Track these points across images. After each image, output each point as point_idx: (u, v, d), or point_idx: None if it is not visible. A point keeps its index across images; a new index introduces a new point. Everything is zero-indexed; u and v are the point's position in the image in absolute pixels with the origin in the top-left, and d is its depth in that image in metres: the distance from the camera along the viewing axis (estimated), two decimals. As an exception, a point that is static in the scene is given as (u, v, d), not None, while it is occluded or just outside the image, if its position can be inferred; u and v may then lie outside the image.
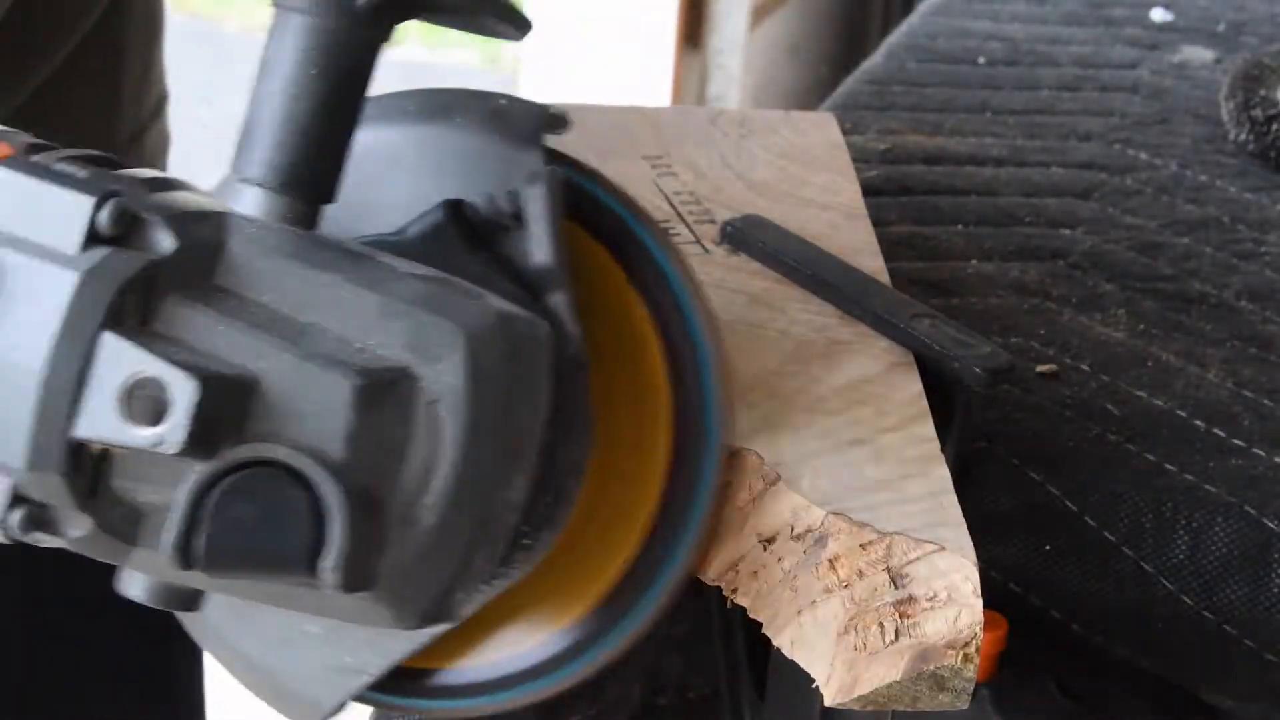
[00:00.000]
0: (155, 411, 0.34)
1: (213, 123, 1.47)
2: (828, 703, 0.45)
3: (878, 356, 0.54)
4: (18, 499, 0.36)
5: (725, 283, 0.58)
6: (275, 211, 0.39)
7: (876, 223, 0.66)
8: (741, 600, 0.47)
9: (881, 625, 0.44)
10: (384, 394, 0.36)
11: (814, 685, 0.45)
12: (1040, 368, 0.68)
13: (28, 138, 0.39)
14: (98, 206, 0.36)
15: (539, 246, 0.42)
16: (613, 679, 0.63)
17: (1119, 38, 1.17)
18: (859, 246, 0.62)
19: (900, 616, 0.44)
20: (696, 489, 0.45)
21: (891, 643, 0.44)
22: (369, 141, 0.43)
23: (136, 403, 0.35)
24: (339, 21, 0.40)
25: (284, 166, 0.39)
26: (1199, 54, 1.14)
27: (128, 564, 0.38)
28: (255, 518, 0.36)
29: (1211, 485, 0.61)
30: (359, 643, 0.44)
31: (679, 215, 0.63)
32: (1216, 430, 0.65)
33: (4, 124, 0.41)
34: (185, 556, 0.36)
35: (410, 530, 0.37)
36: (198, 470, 0.36)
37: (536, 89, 2.09)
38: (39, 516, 0.36)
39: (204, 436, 0.35)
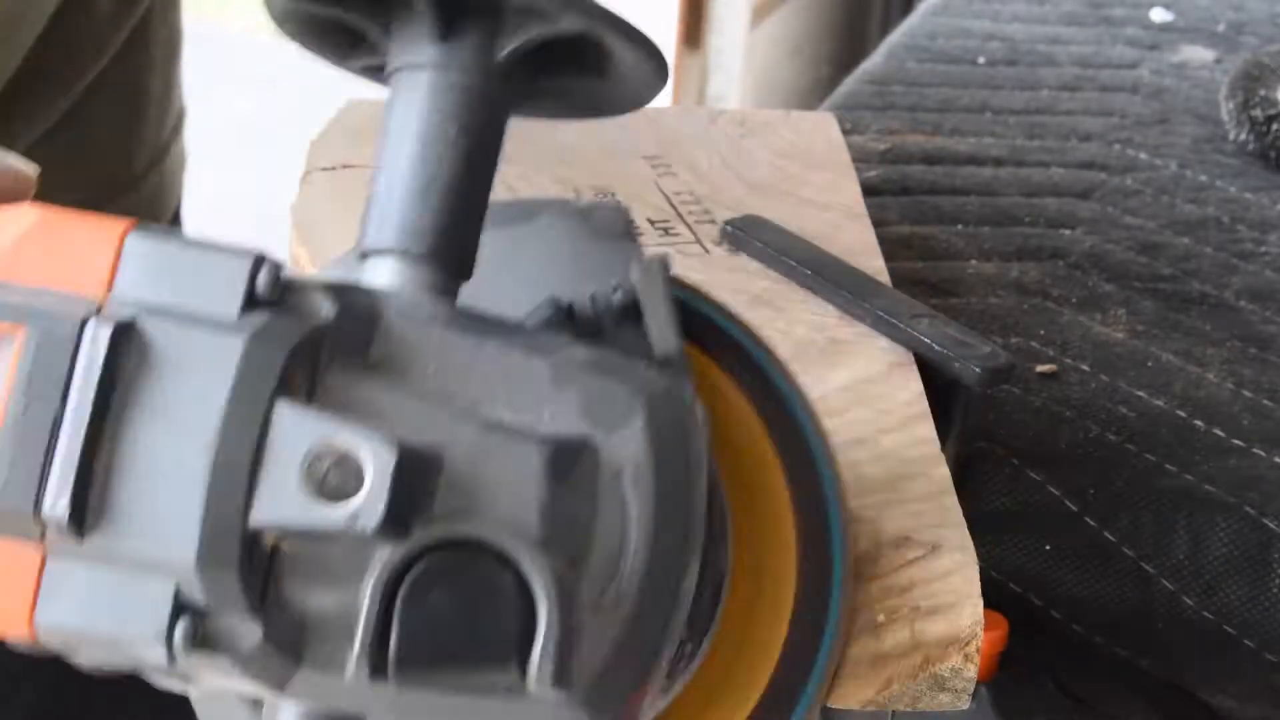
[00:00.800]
0: (341, 489, 0.30)
1: (213, 122, 1.47)
2: (828, 703, 0.45)
3: (878, 357, 0.54)
4: (180, 607, 0.30)
5: (725, 283, 0.58)
6: (421, 281, 0.36)
7: (876, 223, 0.66)
8: (741, 600, 0.47)
9: (883, 626, 0.44)
10: (570, 465, 0.33)
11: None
12: (1040, 368, 0.68)
13: None
14: (255, 268, 0.31)
15: (660, 334, 0.38)
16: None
17: (1119, 38, 1.17)
18: (859, 247, 0.62)
19: (902, 617, 0.44)
20: (825, 620, 0.42)
21: (892, 643, 0.44)
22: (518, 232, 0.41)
23: (323, 477, 0.30)
24: (476, 78, 0.37)
25: (426, 232, 0.36)
26: (1199, 54, 1.14)
27: (288, 691, 0.32)
28: (454, 607, 0.31)
29: (1211, 485, 0.61)
30: None
31: (679, 215, 0.63)
32: (1216, 430, 0.64)
33: (30, 149, 0.38)
34: (376, 661, 0.31)
35: (603, 619, 0.33)
36: (386, 557, 0.31)
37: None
38: (204, 629, 0.30)
39: (401, 514, 0.30)
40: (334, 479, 0.30)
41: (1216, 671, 0.60)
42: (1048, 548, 0.61)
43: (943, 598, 0.44)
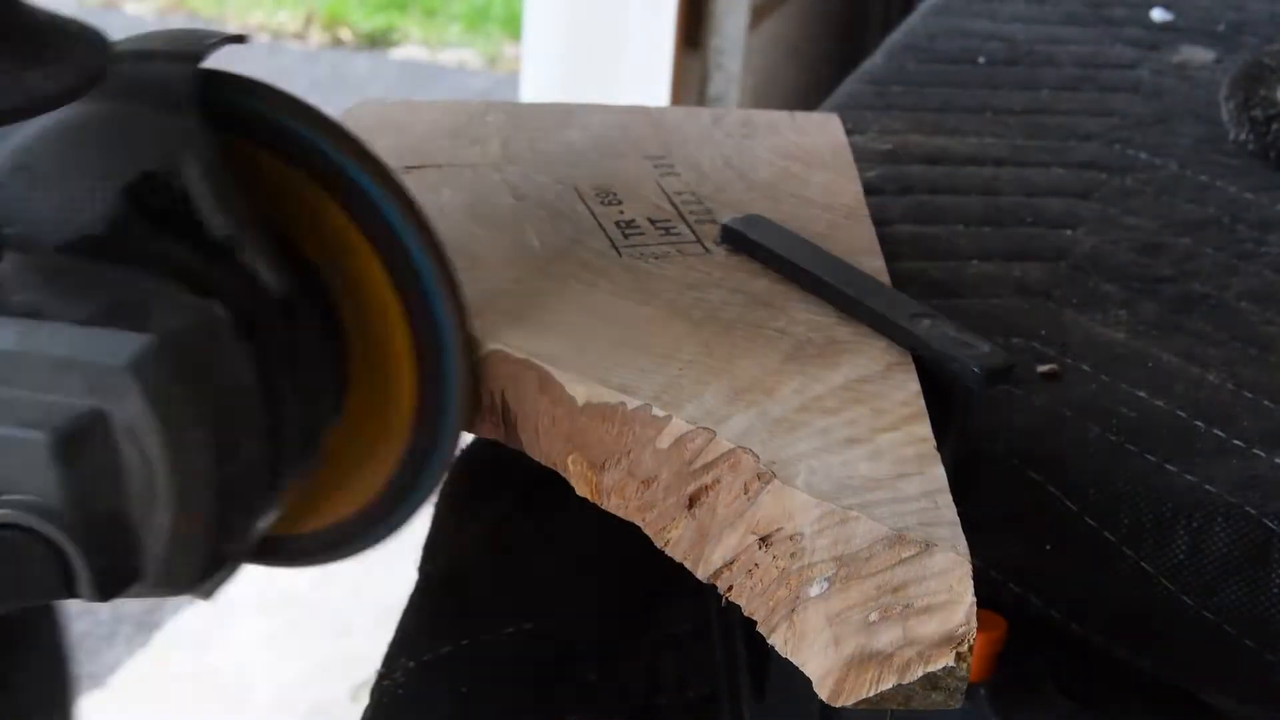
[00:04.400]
0: None
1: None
2: (822, 701, 0.45)
3: (876, 356, 0.54)
4: None
5: (725, 282, 0.58)
6: None
7: (877, 222, 0.66)
8: (736, 598, 0.47)
9: (876, 624, 0.44)
10: (82, 439, 0.40)
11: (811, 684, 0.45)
12: (1041, 368, 0.68)
13: None
14: None
15: (210, 215, 0.45)
16: (610, 678, 0.63)
17: (1119, 38, 1.17)
18: (860, 247, 0.62)
19: (895, 615, 0.44)
20: (444, 378, 0.50)
21: (885, 642, 0.44)
22: (51, 124, 0.45)
23: None
24: None
25: None
26: (1199, 54, 1.14)
27: None
28: (7, 570, 0.40)
29: (1212, 485, 0.61)
30: None
31: (680, 215, 0.63)
32: (1217, 431, 0.64)
33: None
34: None
35: (153, 528, 0.42)
36: None
37: (537, 89, 2.09)
38: None
39: None
40: None
41: (1216, 671, 0.60)
42: (1048, 548, 0.61)
43: (936, 596, 0.43)
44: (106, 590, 0.41)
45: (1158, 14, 1.22)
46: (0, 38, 0.40)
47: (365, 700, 0.62)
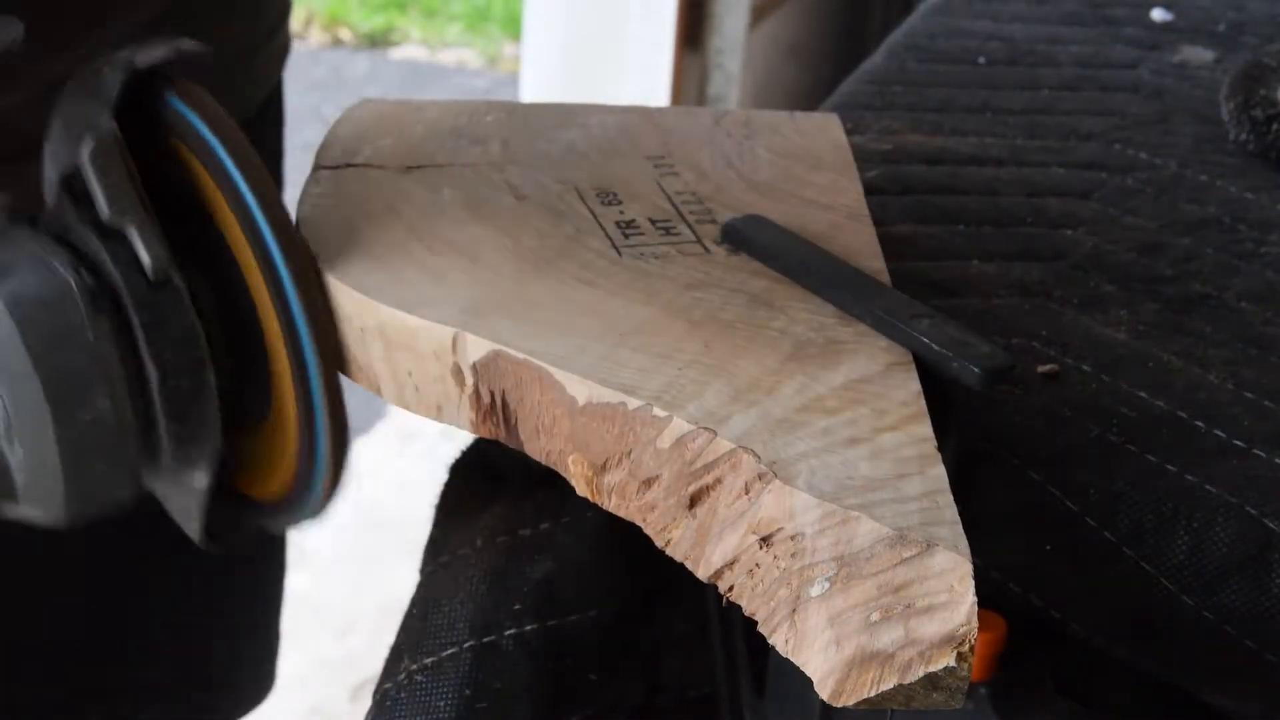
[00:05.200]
0: None
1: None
2: (823, 701, 0.45)
3: (876, 356, 0.54)
4: None
5: (725, 282, 0.58)
6: None
7: (877, 222, 0.66)
8: (737, 598, 0.47)
9: (877, 624, 0.44)
10: None
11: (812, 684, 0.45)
12: (1041, 368, 0.68)
13: None
14: None
15: (95, 200, 0.50)
16: (610, 678, 0.63)
17: (1119, 38, 1.17)
18: (860, 247, 0.62)
19: (896, 615, 0.44)
20: (306, 373, 0.53)
21: (886, 642, 0.44)
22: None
23: None
24: None
25: None
26: (1199, 54, 1.14)
27: None
28: None
29: (1212, 486, 0.61)
30: None
31: (680, 215, 0.63)
32: (1217, 431, 0.64)
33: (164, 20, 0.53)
34: None
35: (15, 464, 0.50)
36: None
37: (537, 89, 2.09)
38: None
39: None
40: None
41: (1216, 671, 0.60)
42: (1048, 548, 0.61)
43: (937, 596, 0.44)
44: None
45: (1158, 14, 1.22)
46: None
47: (366, 700, 0.62)
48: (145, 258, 0.50)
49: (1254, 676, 0.59)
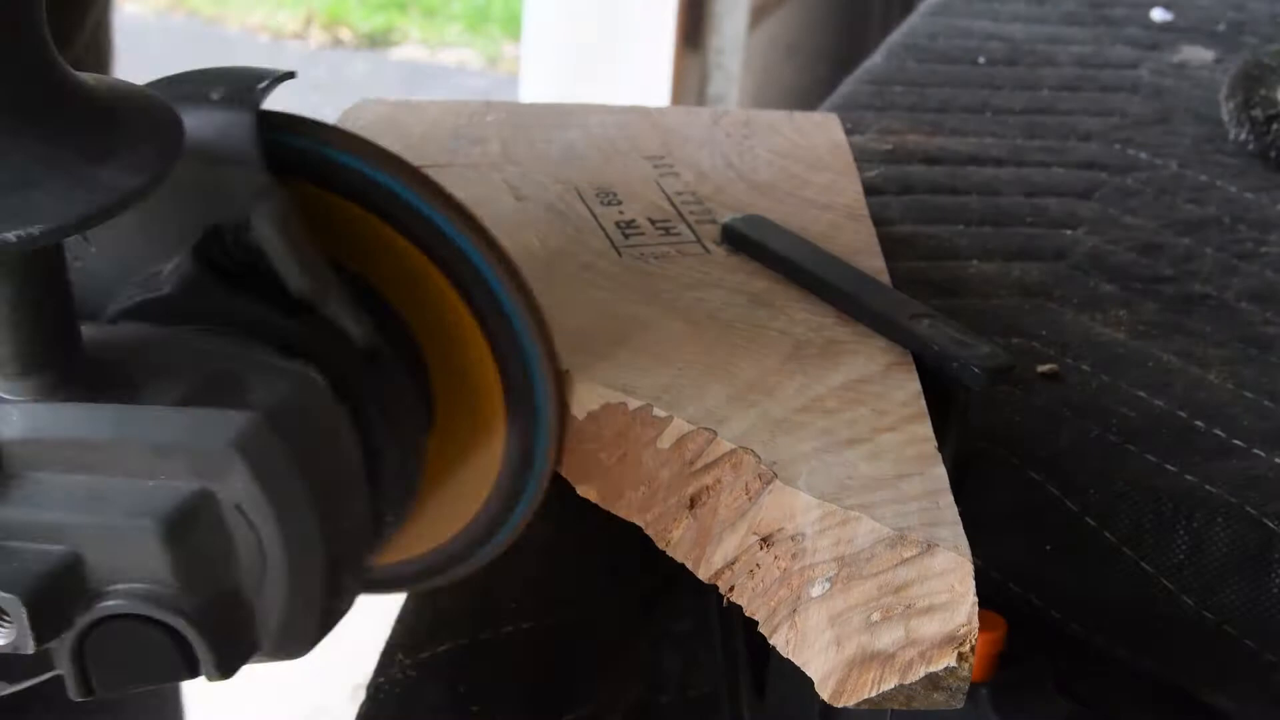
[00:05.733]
0: (3, 619, 0.38)
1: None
2: (824, 701, 0.45)
3: (876, 356, 0.54)
4: None
5: (725, 282, 0.58)
6: (29, 391, 0.41)
7: (877, 222, 0.66)
8: (738, 599, 0.47)
9: (878, 624, 0.44)
10: (190, 520, 0.39)
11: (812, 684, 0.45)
12: (1041, 368, 0.68)
13: None
14: None
15: (287, 271, 0.43)
16: (608, 677, 0.63)
17: (1119, 38, 1.17)
18: (860, 247, 0.62)
19: (896, 616, 0.44)
20: (536, 413, 0.49)
21: (887, 642, 0.44)
22: None
23: None
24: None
25: (9, 360, 0.40)
26: (1199, 54, 1.14)
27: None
28: (130, 657, 0.40)
29: (1212, 485, 0.61)
30: None
31: (680, 215, 0.63)
32: (1217, 431, 0.64)
33: None
34: (87, 692, 0.40)
35: (269, 601, 0.41)
36: (65, 644, 0.39)
37: (536, 89, 2.09)
38: None
39: (50, 626, 0.38)
40: None
41: (1216, 671, 0.60)
42: (1048, 548, 0.61)
43: (937, 596, 0.44)
44: (227, 667, 0.40)
45: (1158, 14, 1.22)
46: (70, 132, 0.37)
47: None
48: (354, 331, 0.44)
49: (1254, 676, 0.59)
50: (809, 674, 0.45)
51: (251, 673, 0.44)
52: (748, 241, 0.60)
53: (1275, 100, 0.95)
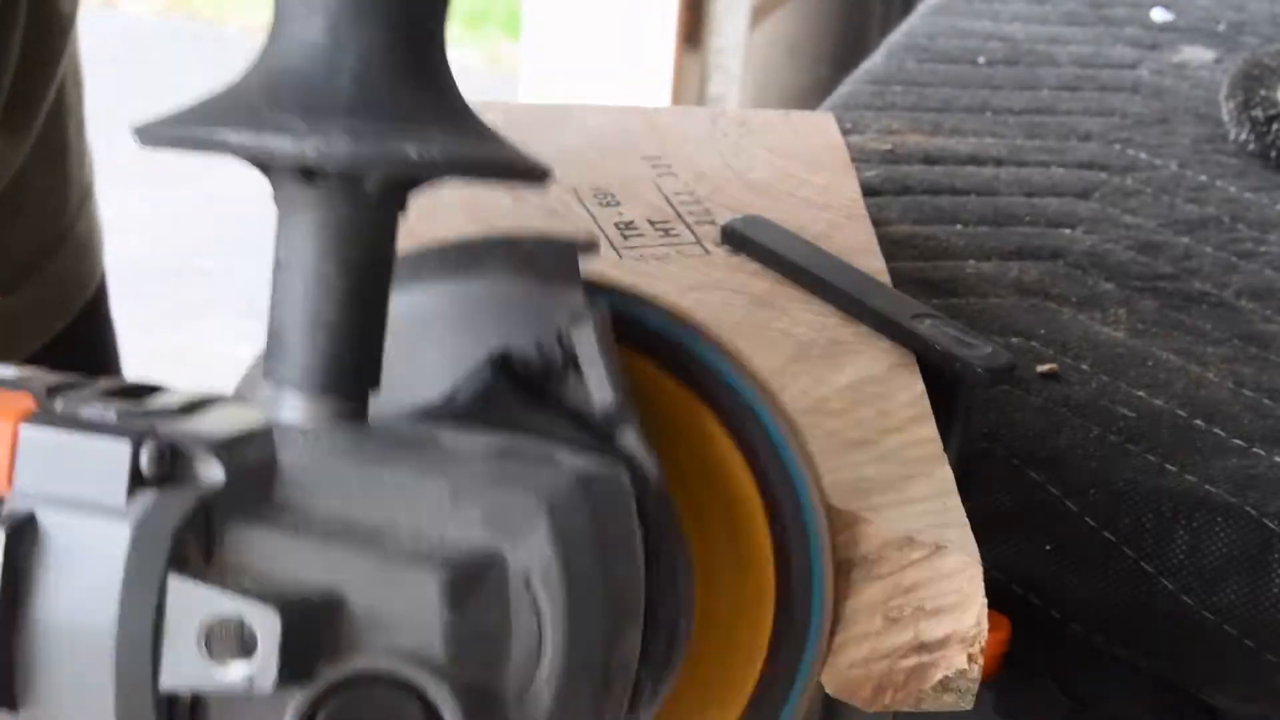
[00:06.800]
0: (243, 647, 0.32)
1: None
2: (822, 700, 0.45)
3: (879, 357, 0.54)
4: None
5: (725, 283, 0.58)
6: (320, 414, 0.37)
7: (876, 222, 0.66)
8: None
9: (886, 626, 0.44)
10: (474, 583, 0.34)
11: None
12: (1040, 367, 0.68)
13: (48, 377, 0.36)
14: (135, 450, 0.33)
15: (598, 387, 0.40)
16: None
17: (1119, 38, 1.17)
18: (859, 247, 0.62)
19: (905, 617, 0.44)
20: (810, 611, 0.44)
21: (896, 644, 0.44)
22: (400, 307, 0.40)
23: (220, 643, 0.32)
24: (350, 210, 0.36)
25: (319, 368, 0.37)
26: (1199, 54, 1.14)
27: None
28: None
29: (1211, 485, 0.61)
30: None
31: (679, 215, 0.63)
32: (1217, 430, 0.65)
33: None
34: None
35: (528, 714, 0.35)
36: (298, 699, 0.33)
37: (536, 89, 2.09)
38: None
39: (298, 665, 0.32)
40: (230, 643, 0.32)
41: (1216, 671, 0.60)
42: (1048, 548, 0.61)
43: (947, 598, 0.44)
44: None
45: (1158, 14, 1.22)
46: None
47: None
48: (648, 463, 0.40)
49: (1254, 676, 0.60)
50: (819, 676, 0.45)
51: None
52: (748, 242, 0.60)
53: (1275, 100, 0.95)
